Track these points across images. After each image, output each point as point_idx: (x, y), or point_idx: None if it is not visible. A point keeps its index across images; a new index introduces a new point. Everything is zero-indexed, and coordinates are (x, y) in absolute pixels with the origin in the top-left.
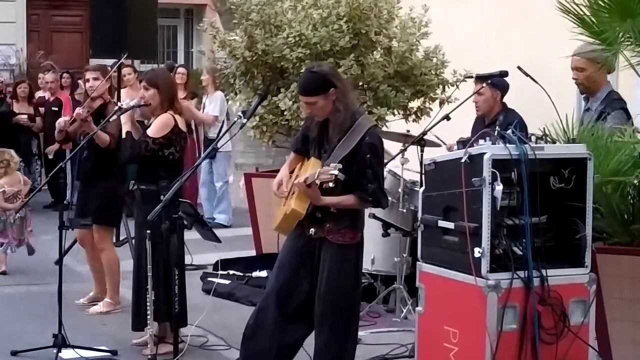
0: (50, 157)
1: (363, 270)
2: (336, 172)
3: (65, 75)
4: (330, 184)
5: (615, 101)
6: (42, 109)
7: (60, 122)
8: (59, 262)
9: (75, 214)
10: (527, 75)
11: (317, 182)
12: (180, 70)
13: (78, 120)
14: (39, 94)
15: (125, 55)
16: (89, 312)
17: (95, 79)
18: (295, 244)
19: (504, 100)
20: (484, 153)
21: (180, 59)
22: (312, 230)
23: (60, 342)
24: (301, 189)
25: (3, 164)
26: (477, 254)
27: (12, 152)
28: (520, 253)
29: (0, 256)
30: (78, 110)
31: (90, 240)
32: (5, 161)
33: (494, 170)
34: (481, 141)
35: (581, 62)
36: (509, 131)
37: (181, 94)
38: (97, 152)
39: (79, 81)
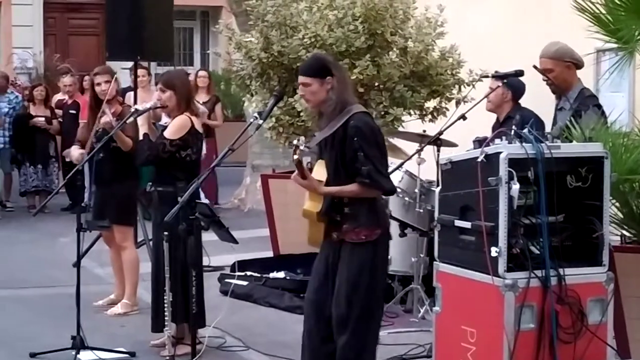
0: (68, 159)
1: None
2: (295, 141)
3: (86, 77)
4: (295, 156)
5: (588, 98)
6: (59, 112)
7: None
8: (77, 264)
9: (93, 216)
10: (543, 74)
11: (294, 161)
12: (202, 73)
13: (107, 128)
14: (57, 96)
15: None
16: (108, 314)
17: (107, 82)
18: (323, 251)
19: (519, 100)
20: (501, 152)
21: (197, 61)
22: (334, 234)
23: (79, 344)
24: (297, 182)
25: None
26: (494, 254)
27: None
28: (538, 252)
29: None
30: (106, 119)
31: (111, 239)
32: None
33: (510, 169)
34: (497, 140)
35: (548, 63)
36: (525, 130)
37: (204, 97)
38: (114, 154)
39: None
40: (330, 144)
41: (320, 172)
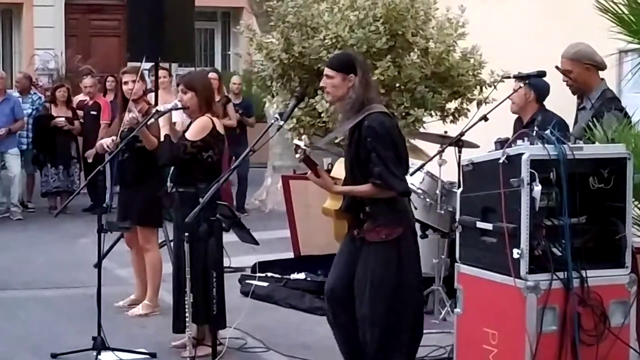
0: (90, 160)
1: None
2: (295, 141)
3: (110, 78)
4: (297, 155)
5: (610, 100)
6: (81, 113)
7: (105, 145)
8: (98, 265)
9: (117, 217)
10: (564, 74)
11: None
12: (212, 75)
13: (132, 124)
14: (79, 97)
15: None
16: (129, 315)
17: (134, 81)
18: (344, 245)
19: (544, 102)
20: (522, 153)
21: (217, 62)
22: (356, 231)
23: (100, 345)
24: (312, 180)
25: None
26: (515, 255)
27: None
28: (560, 254)
29: None
30: (133, 115)
31: (137, 242)
32: None
33: (532, 170)
34: (519, 141)
35: (567, 64)
36: (547, 131)
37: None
38: (138, 154)
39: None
40: (348, 143)
41: (340, 170)
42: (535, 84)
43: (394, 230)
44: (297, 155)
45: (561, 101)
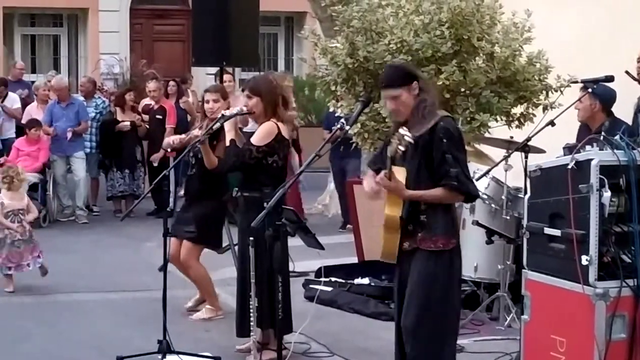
0: (155, 164)
1: (466, 278)
2: (402, 131)
3: (171, 83)
4: (401, 147)
5: None
6: (146, 117)
7: (172, 141)
8: (164, 269)
9: (177, 223)
10: (634, 79)
11: (389, 154)
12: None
13: (191, 142)
14: (144, 101)
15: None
16: (193, 318)
17: (215, 100)
18: (397, 265)
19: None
20: (592, 159)
21: (281, 67)
22: (406, 244)
23: (165, 348)
24: (384, 184)
25: (7, 180)
26: (584, 262)
27: (20, 169)
28: (629, 261)
29: (6, 278)
30: (195, 132)
31: (178, 257)
32: (9, 177)
33: (601, 176)
34: (588, 147)
35: None
36: (617, 137)
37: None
38: (204, 171)
39: (188, 90)
40: (412, 148)
41: (398, 176)
42: (599, 94)
43: (450, 241)
44: (401, 147)
45: (629, 107)
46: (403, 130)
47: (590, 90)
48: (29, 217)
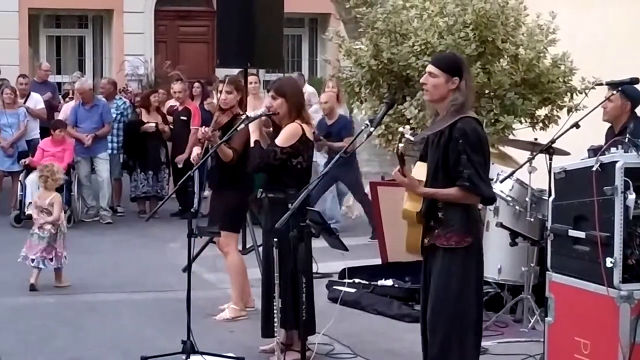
0: (180, 166)
1: (490, 280)
2: (401, 128)
3: (196, 84)
4: (400, 145)
5: None
6: (170, 118)
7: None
8: (188, 270)
9: (208, 222)
10: None
11: (396, 150)
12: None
13: (203, 140)
14: (169, 102)
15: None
16: (216, 319)
17: (229, 92)
18: (423, 262)
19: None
20: (616, 161)
21: (305, 68)
22: (426, 240)
23: (189, 349)
24: (397, 179)
25: (42, 178)
26: (609, 264)
27: (57, 168)
28: None
29: (33, 270)
30: (202, 130)
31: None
32: (44, 177)
33: (626, 178)
34: (613, 149)
35: None
36: None
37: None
38: (223, 163)
39: (213, 92)
40: (435, 144)
41: (420, 172)
42: (630, 94)
43: (464, 239)
44: (401, 145)
45: None
46: (403, 128)
47: (619, 90)
48: (48, 218)
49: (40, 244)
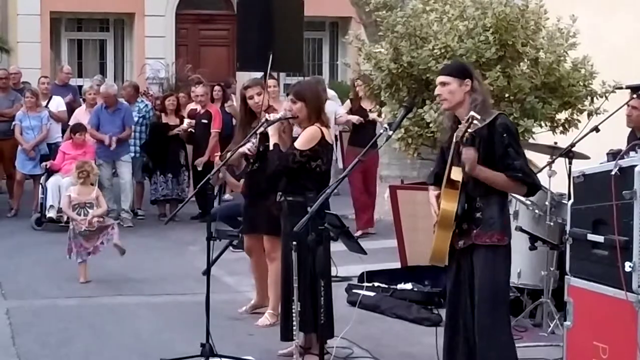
0: (200, 169)
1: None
2: (473, 113)
3: (216, 88)
4: (470, 130)
5: None
6: (190, 121)
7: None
8: (207, 273)
9: (244, 228)
10: None
11: (462, 130)
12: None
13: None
14: (190, 106)
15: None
16: (258, 325)
17: (259, 94)
18: (451, 263)
19: None
20: (636, 165)
21: (325, 72)
22: (460, 242)
23: (208, 352)
24: (469, 155)
25: (83, 174)
26: (627, 269)
27: (94, 165)
28: None
29: (80, 267)
30: (249, 146)
31: (257, 249)
32: (85, 172)
33: None
34: (632, 153)
35: None
36: None
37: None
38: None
39: (233, 95)
40: (470, 144)
41: (457, 175)
42: None
43: (504, 237)
44: (470, 129)
45: None
46: (474, 113)
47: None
48: (98, 212)
49: (91, 239)
